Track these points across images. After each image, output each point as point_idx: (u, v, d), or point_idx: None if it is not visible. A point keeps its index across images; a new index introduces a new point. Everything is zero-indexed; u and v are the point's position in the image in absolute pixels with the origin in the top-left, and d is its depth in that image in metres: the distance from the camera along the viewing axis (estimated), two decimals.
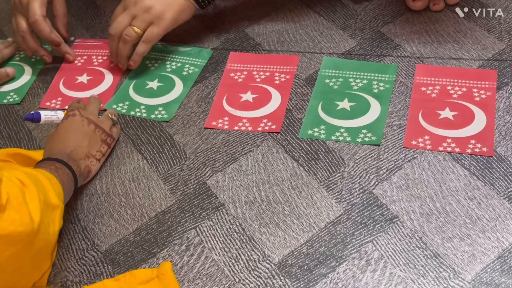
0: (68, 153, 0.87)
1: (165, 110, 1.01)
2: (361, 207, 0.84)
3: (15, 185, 0.68)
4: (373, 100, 0.96)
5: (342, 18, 1.12)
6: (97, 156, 0.91)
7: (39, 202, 0.70)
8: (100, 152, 0.91)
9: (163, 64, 1.09)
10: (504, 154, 0.86)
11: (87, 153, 0.89)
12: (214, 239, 0.84)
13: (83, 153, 0.89)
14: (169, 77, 1.07)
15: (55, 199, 0.75)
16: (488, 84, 0.96)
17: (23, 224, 0.67)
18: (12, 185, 0.68)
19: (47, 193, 0.74)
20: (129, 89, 1.06)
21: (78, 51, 1.14)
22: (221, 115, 0.98)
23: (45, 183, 0.76)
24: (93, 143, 0.90)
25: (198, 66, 1.08)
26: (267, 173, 0.90)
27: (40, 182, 0.75)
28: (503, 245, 0.77)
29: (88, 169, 0.89)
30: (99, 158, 0.91)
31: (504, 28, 1.04)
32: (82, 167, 0.88)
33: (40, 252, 0.73)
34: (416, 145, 0.90)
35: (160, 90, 1.04)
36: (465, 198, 0.83)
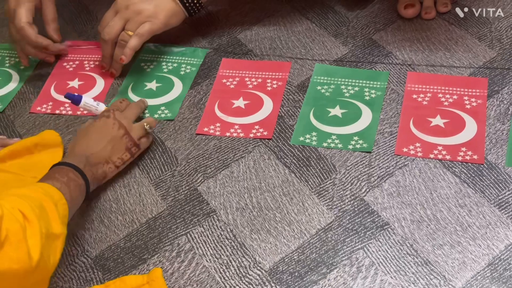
0: (88, 155, 0.86)
1: (168, 109, 1.01)
2: (352, 214, 0.84)
3: (17, 220, 0.66)
4: (365, 107, 0.97)
5: (334, 25, 1.12)
6: (117, 163, 0.89)
7: (40, 237, 0.67)
8: (121, 159, 0.90)
9: (159, 65, 1.09)
10: (495, 161, 0.87)
11: (107, 158, 0.88)
12: (205, 246, 0.83)
13: (104, 157, 0.88)
14: (167, 77, 1.07)
15: (58, 228, 0.72)
16: (479, 92, 0.96)
17: (20, 262, 0.65)
18: (13, 221, 0.66)
19: (50, 223, 0.72)
20: (127, 91, 1.06)
21: (70, 56, 1.14)
22: (213, 121, 0.98)
23: (49, 210, 0.73)
24: (117, 149, 0.89)
25: (195, 65, 1.08)
26: (259, 179, 0.90)
27: (44, 210, 0.72)
28: (494, 252, 0.78)
29: (104, 175, 0.88)
30: (119, 165, 0.90)
31: (495, 36, 1.05)
32: (98, 172, 0.87)
33: (38, 282, 0.71)
34: (407, 152, 0.90)
35: (159, 90, 1.05)
36: (455, 206, 0.83)
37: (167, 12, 1.04)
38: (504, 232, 0.79)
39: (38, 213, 0.70)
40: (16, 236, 0.65)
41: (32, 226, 0.68)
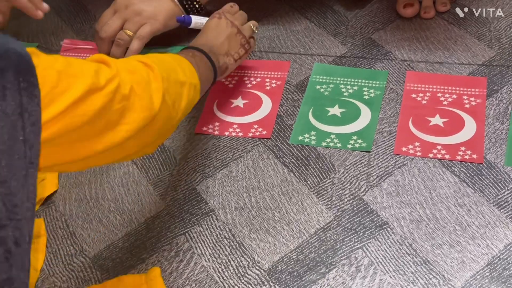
0: (210, 46, 0.90)
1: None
2: (351, 214, 0.84)
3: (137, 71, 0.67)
4: (364, 107, 0.96)
5: (333, 25, 1.12)
6: (235, 56, 0.94)
7: (162, 81, 0.68)
8: (238, 54, 0.94)
9: None
10: (494, 161, 0.87)
11: (226, 51, 0.93)
12: (204, 245, 0.83)
13: (224, 50, 0.92)
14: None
15: (181, 76, 0.75)
16: (478, 91, 0.96)
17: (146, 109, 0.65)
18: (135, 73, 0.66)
19: (172, 70, 0.73)
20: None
21: (67, 54, 1.14)
22: (211, 121, 0.98)
23: (170, 62, 0.76)
24: (233, 45, 0.94)
25: None
26: (258, 179, 0.90)
27: (163, 61, 0.74)
28: (493, 252, 0.77)
29: (225, 66, 0.92)
30: (236, 59, 0.94)
31: (494, 35, 1.05)
32: (221, 62, 0.91)
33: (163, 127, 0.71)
34: (406, 151, 0.90)
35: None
36: (455, 205, 0.83)
37: (167, 13, 1.04)
38: (504, 231, 0.79)
39: (157, 62, 0.71)
40: (141, 86, 0.65)
41: (153, 71, 0.69)
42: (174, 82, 0.72)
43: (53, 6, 1.25)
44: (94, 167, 0.66)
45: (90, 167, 0.67)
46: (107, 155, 0.64)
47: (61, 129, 0.55)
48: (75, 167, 0.65)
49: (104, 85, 0.59)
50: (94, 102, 0.58)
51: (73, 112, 0.56)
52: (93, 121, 0.59)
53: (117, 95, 0.61)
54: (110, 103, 0.60)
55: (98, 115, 0.59)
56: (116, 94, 0.61)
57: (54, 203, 0.91)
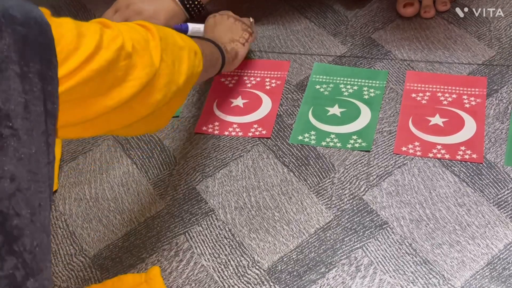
0: (213, 37, 0.92)
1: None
2: (351, 213, 0.84)
3: (138, 31, 0.70)
4: (364, 106, 0.96)
5: (333, 24, 1.12)
6: (241, 40, 0.96)
7: (159, 40, 0.71)
8: (243, 37, 0.97)
9: None
10: (494, 160, 0.87)
11: (231, 38, 0.96)
12: (204, 245, 0.83)
13: (228, 38, 0.95)
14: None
15: (180, 41, 0.77)
16: (478, 91, 0.96)
17: (146, 66, 0.68)
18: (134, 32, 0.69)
19: (170, 35, 0.75)
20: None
21: None
22: (211, 120, 0.98)
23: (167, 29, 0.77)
24: (236, 30, 0.97)
25: None
26: (257, 178, 0.90)
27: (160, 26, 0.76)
28: (493, 251, 0.77)
29: (235, 51, 0.95)
30: (243, 42, 0.97)
31: (494, 35, 1.05)
32: (228, 48, 0.93)
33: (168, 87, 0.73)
34: (406, 151, 0.90)
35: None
36: (454, 205, 0.83)
37: (168, 13, 1.04)
38: (503, 231, 0.79)
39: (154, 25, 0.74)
40: (140, 44, 0.68)
41: (150, 31, 0.72)
42: (172, 44, 0.75)
43: (53, 5, 1.26)
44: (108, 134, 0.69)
45: (104, 131, 0.69)
46: (118, 114, 0.67)
47: (75, 84, 0.59)
48: (89, 130, 0.67)
49: (107, 44, 0.63)
50: (103, 57, 0.62)
51: (86, 67, 0.60)
52: (102, 76, 0.62)
53: (122, 52, 0.65)
54: (117, 59, 0.64)
55: (106, 70, 0.63)
56: (122, 51, 0.65)
57: (54, 203, 0.91)
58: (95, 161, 0.95)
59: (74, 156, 0.97)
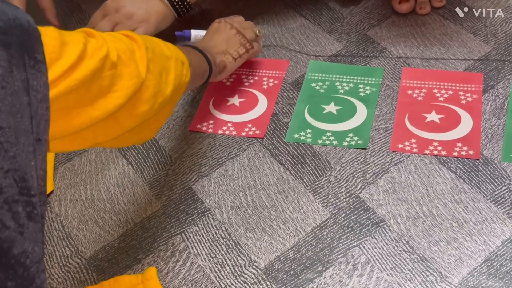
0: (205, 46, 0.90)
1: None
2: (347, 211, 0.83)
3: (123, 41, 0.69)
4: (360, 104, 0.96)
5: (328, 22, 1.11)
6: (234, 55, 0.94)
7: (145, 51, 0.70)
8: (237, 52, 0.95)
9: None
10: (491, 157, 0.86)
11: (224, 50, 0.93)
12: (200, 245, 0.83)
13: (221, 49, 0.93)
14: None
15: (167, 51, 0.75)
16: (474, 87, 0.95)
17: (132, 76, 0.67)
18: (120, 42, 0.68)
19: (156, 44, 0.74)
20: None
21: None
22: (206, 119, 0.98)
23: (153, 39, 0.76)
24: (232, 43, 0.95)
25: None
26: (254, 177, 0.89)
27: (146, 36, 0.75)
28: (490, 248, 0.77)
29: (223, 64, 0.92)
30: (236, 57, 0.94)
31: (490, 31, 1.04)
32: (217, 60, 0.91)
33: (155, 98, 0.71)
34: (402, 148, 0.89)
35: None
36: (451, 202, 0.82)
37: (158, 15, 1.03)
38: (501, 227, 0.79)
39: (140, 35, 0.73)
40: (126, 54, 0.67)
41: (136, 42, 0.70)
42: (159, 54, 0.73)
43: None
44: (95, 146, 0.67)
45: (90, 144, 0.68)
46: (104, 126, 0.66)
47: (58, 93, 0.58)
48: (75, 144, 0.66)
49: (92, 53, 0.62)
50: (87, 67, 0.61)
51: (70, 77, 0.59)
52: (87, 86, 0.61)
53: (107, 61, 0.63)
54: (101, 69, 0.63)
55: (91, 79, 0.61)
56: (106, 60, 0.63)
57: (50, 204, 0.90)
58: (91, 162, 0.95)
59: (69, 157, 0.96)
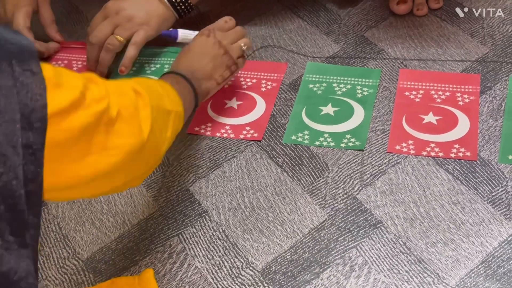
0: (192, 71, 0.88)
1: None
2: (345, 213, 0.83)
3: (128, 95, 0.64)
4: (357, 105, 0.96)
5: (325, 23, 1.11)
6: (218, 79, 0.91)
7: (151, 110, 0.66)
8: (222, 76, 0.91)
9: (141, 67, 1.08)
10: (488, 158, 0.86)
11: (209, 75, 0.90)
12: (197, 246, 0.83)
13: (207, 73, 0.89)
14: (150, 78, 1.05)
15: (168, 105, 0.73)
16: (472, 88, 0.96)
17: (133, 135, 0.62)
18: (124, 96, 0.64)
19: (160, 99, 0.72)
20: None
21: (59, 55, 1.13)
22: (204, 121, 0.98)
23: (159, 90, 0.74)
24: (218, 66, 0.91)
25: None
26: (251, 179, 0.89)
27: (152, 88, 0.72)
28: (487, 249, 0.77)
29: (207, 91, 0.90)
30: (220, 82, 0.91)
31: (487, 32, 1.04)
32: (202, 87, 0.88)
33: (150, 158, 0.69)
34: (399, 150, 0.89)
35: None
36: (449, 203, 0.82)
37: (159, 18, 1.03)
38: (498, 229, 0.79)
39: (147, 89, 0.69)
40: (128, 110, 0.62)
41: (142, 99, 0.66)
42: (162, 111, 0.70)
43: None
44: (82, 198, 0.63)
45: (77, 197, 0.64)
46: (93, 185, 0.60)
47: None
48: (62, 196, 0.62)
49: (89, 103, 0.57)
50: (79, 119, 0.55)
51: (57, 125, 0.53)
52: (77, 140, 0.56)
53: (104, 116, 0.58)
54: (97, 123, 0.57)
55: (82, 134, 0.56)
56: (104, 115, 0.58)
57: (47, 206, 0.90)
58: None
59: None
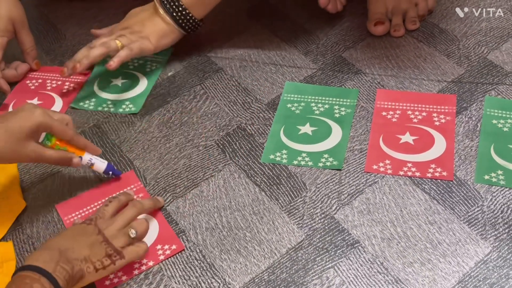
0: (63, 250, 0.74)
1: (133, 104, 1.05)
2: (322, 232, 0.83)
3: None
4: (335, 125, 0.96)
5: (304, 43, 1.12)
6: (97, 265, 0.76)
7: None
8: (101, 263, 0.76)
9: (125, 63, 1.08)
10: (464, 178, 0.87)
11: (86, 257, 0.75)
12: (174, 267, 0.82)
13: (82, 254, 0.75)
14: (133, 74, 1.10)
15: None
16: (448, 108, 0.97)
17: None
18: None
19: None
20: (93, 86, 1.09)
21: (33, 74, 1.12)
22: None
23: None
24: (97, 252, 0.76)
25: (160, 62, 1.12)
26: (229, 198, 0.89)
27: None
28: (464, 269, 0.77)
29: (81, 273, 0.74)
30: (99, 268, 0.76)
31: (463, 53, 1.06)
32: (75, 269, 0.73)
33: None
34: (377, 169, 0.90)
35: (125, 86, 1.08)
36: (425, 223, 0.83)
37: (158, 34, 1.06)
38: (474, 248, 0.79)
39: None
40: None
41: None
42: None
43: None
44: None
45: None
46: None
47: None
48: None
49: None
50: None
51: None
52: None
53: None
54: None
55: None
56: None
57: (21, 226, 0.89)
58: (64, 183, 0.94)
59: (42, 178, 0.95)
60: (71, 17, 1.25)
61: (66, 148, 0.87)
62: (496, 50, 1.05)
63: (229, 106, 1.03)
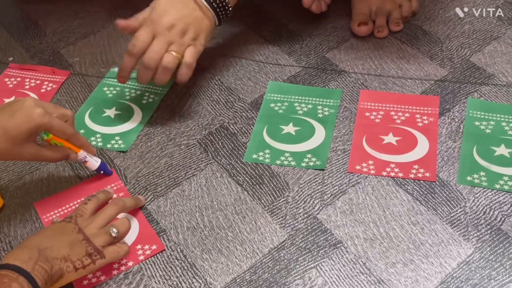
0: (42, 249, 0.72)
1: (122, 140, 0.97)
2: (305, 232, 0.83)
3: None
4: (318, 125, 0.96)
5: (287, 43, 1.12)
6: (77, 264, 0.74)
7: None
8: (81, 262, 0.74)
9: (121, 91, 1.05)
10: (446, 179, 0.87)
11: (65, 255, 0.74)
12: (154, 267, 0.81)
13: (61, 253, 0.74)
14: (128, 105, 1.03)
15: None
16: (431, 110, 0.97)
17: None
18: None
19: None
20: (84, 116, 1.01)
21: (11, 71, 1.10)
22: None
23: None
24: (77, 251, 0.75)
25: (159, 94, 1.04)
26: (211, 198, 0.88)
27: None
28: (446, 270, 0.77)
29: (60, 273, 0.72)
30: (78, 267, 0.74)
31: (446, 55, 1.06)
32: (54, 269, 0.72)
33: None
34: (360, 170, 0.89)
35: (118, 119, 1.00)
36: (408, 223, 0.82)
37: (208, 30, 0.95)
38: (457, 249, 0.79)
39: None
40: None
41: None
42: None
43: (3, 21, 1.23)
44: None
45: None
46: None
47: None
48: None
49: None
50: None
51: None
52: None
53: None
54: None
55: None
56: None
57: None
58: (42, 180, 0.92)
59: (20, 175, 0.93)
60: (52, 13, 1.23)
61: (62, 144, 0.85)
62: (478, 53, 1.06)
63: (211, 105, 1.02)
